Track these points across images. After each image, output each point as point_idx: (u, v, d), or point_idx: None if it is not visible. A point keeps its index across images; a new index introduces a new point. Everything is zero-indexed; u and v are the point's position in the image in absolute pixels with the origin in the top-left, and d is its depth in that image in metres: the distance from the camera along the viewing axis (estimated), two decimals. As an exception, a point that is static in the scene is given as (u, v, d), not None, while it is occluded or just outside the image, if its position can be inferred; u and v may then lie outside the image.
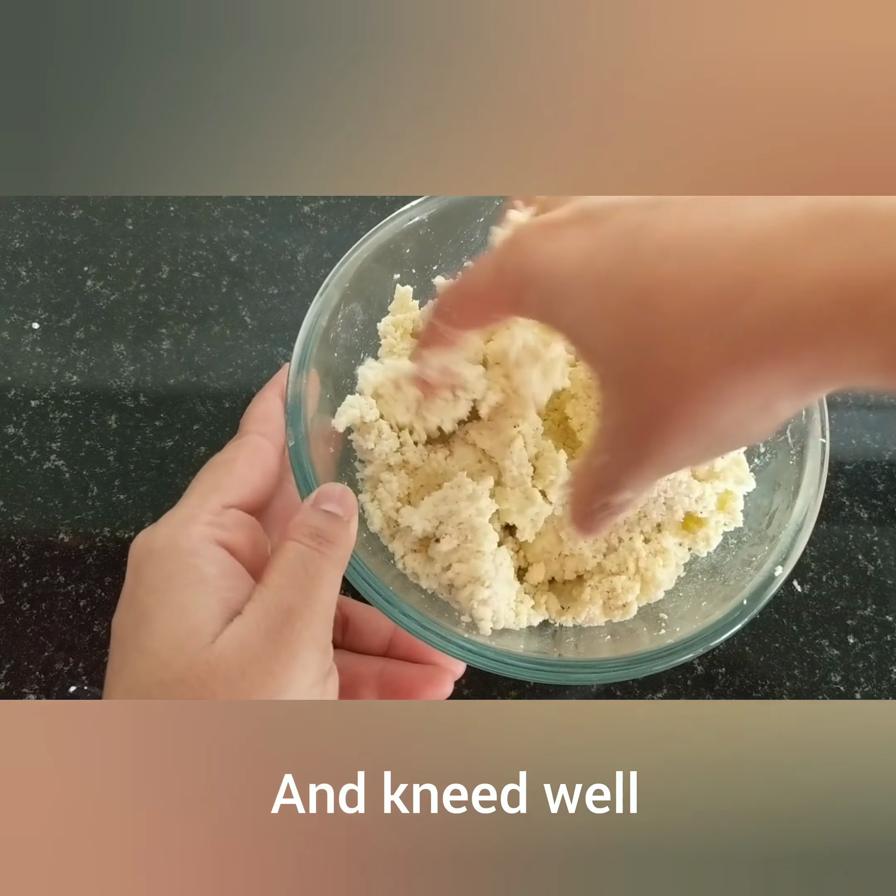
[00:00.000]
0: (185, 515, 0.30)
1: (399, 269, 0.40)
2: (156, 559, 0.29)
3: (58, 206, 0.52)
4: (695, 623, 0.34)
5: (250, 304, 0.50)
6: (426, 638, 0.31)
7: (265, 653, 0.26)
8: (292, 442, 0.33)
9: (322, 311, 0.35)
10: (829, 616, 0.45)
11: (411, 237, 0.39)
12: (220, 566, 0.29)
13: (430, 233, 0.39)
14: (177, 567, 0.28)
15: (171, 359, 0.49)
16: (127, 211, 0.53)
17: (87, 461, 0.46)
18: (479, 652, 0.32)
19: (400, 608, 0.31)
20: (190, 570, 0.28)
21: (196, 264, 0.51)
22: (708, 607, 0.35)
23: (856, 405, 0.50)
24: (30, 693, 0.41)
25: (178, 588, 0.28)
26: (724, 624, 0.33)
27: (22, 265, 0.50)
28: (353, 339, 0.39)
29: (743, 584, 0.35)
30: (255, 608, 0.27)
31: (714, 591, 0.36)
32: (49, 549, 0.43)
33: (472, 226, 0.40)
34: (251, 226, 0.53)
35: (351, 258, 0.37)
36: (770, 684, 0.43)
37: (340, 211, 0.54)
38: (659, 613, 0.37)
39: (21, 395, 0.47)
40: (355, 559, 0.31)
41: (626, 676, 0.33)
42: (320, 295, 0.36)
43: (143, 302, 0.50)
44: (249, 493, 0.32)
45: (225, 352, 0.49)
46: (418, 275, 0.41)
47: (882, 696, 0.43)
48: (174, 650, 0.26)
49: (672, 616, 0.37)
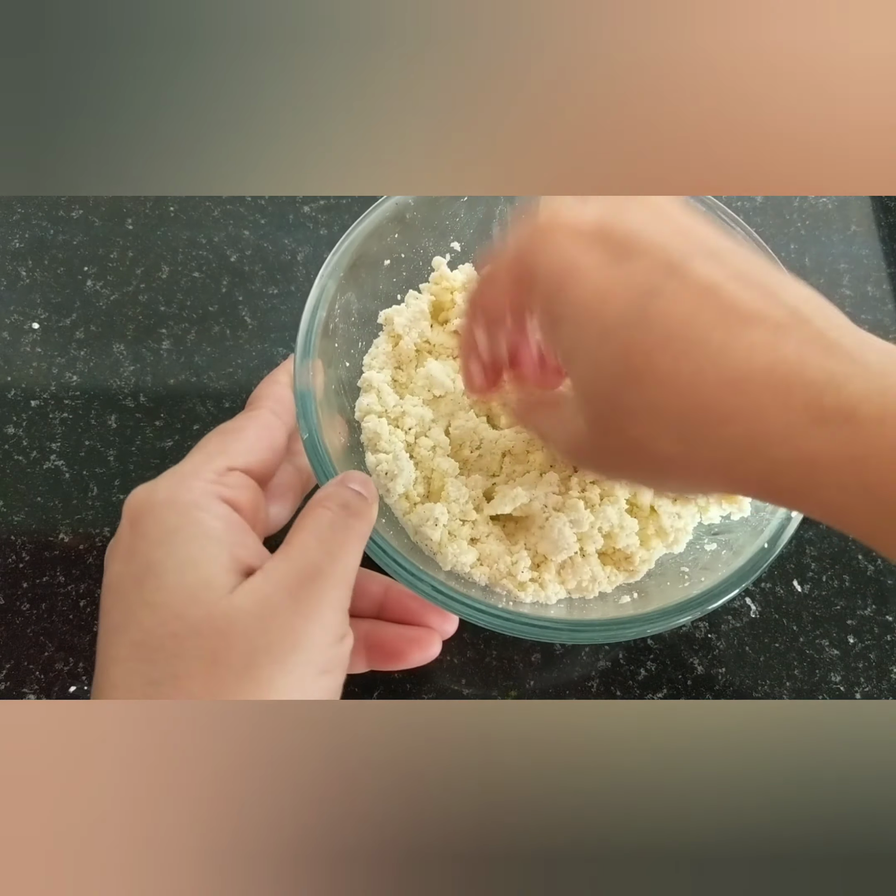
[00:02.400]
0: (188, 471, 0.29)
1: (389, 255, 0.40)
2: (157, 512, 0.28)
3: (58, 206, 0.52)
4: (718, 572, 0.34)
5: (250, 304, 0.50)
6: (456, 609, 0.32)
7: (287, 608, 0.26)
8: (306, 434, 0.33)
9: (320, 302, 0.36)
10: (829, 616, 0.45)
11: (398, 222, 0.39)
12: (225, 521, 0.28)
13: (416, 216, 0.40)
14: (181, 521, 0.28)
15: (171, 359, 0.49)
16: (127, 211, 0.53)
17: (87, 461, 0.46)
18: (516, 619, 0.32)
19: (428, 581, 0.32)
20: (195, 523, 0.28)
21: (196, 264, 0.51)
22: (728, 555, 0.36)
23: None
24: (30, 693, 0.41)
25: (184, 541, 0.27)
26: (747, 569, 0.34)
27: (22, 265, 0.50)
28: (351, 328, 0.39)
29: (761, 528, 0.35)
30: (280, 565, 0.27)
31: (731, 540, 0.37)
32: (49, 549, 0.43)
33: (457, 205, 0.41)
34: (251, 226, 0.53)
35: (342, 247, 0.37)
36: (770, 684, 0.43)
37: (340, 211, 0.54)
38: (680, 567, 0.37)
39: (21, 395, 0.47)
40: (376, 533, 0.32)
41: (657, 630, 0.33)
42: (317, 286, 0.36)
43: (143, 302, 0.50)
44: (256, 463, 0.31)
45: (225, 352, 0.49)
46: (407, 259, 0.41)
47: (882, 696, 0.43)
48: (188, 603, 0.26)
49: (693, 568, 0.37)
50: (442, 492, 0.38)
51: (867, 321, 0.53)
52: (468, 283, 0.42)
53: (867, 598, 0.46)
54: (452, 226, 0.42)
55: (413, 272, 0.42)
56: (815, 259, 0.55)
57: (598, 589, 0.37)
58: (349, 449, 0.37)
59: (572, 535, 0.36)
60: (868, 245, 0.56)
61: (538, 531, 0.37)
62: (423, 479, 0.38)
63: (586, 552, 0.37)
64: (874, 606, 0.45)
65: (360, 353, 0.41)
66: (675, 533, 0.38)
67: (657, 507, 0.38)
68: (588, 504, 0.37)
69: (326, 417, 0.34)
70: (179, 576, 0.26)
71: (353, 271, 0.38)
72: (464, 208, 0.41)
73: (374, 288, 0.40)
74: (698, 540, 0.39)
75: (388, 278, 0.41)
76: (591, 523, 0.37)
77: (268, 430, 0.33)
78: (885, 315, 0.54)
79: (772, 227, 0.56)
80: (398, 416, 0.39)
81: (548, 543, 0.36)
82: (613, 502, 0.37)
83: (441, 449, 0.39)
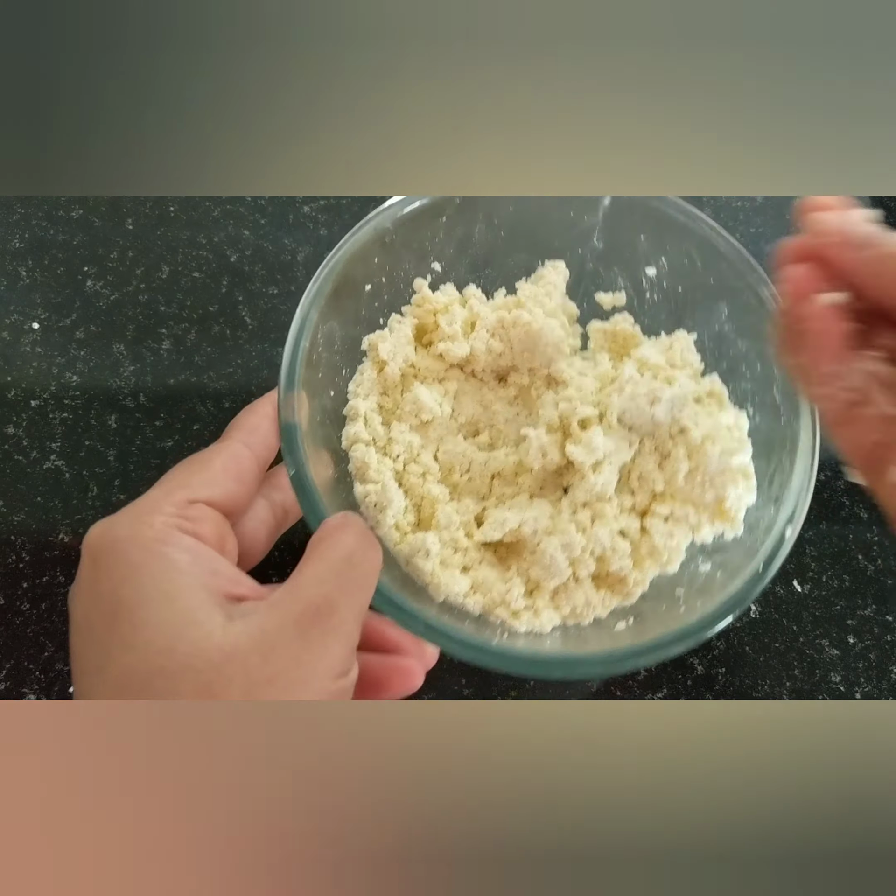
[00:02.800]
0: (147, 507, 0.28)
1: (370, 280, 0.40)
2: (119, 549, 0.27)
3: (58, 206, 0.52)
4: (714, 597, 0.34)
5: (250, 304, 0.50)
6: (448, 648, 0.31)
7: (294, 642, 0.26)
8: (293, 470, 0.32)
9: (303, 332, 0.36)
10: (829, 616, 0.45)
11: (377, 246, 0.39)
12: (191, 552, 0.27)
13: (395, 238, 0.39)
14: (145, 556, 0.27)
15: (171, 359, 0.49)
16: (127, 211, 0.53)
17: (87, 461, 0.46)
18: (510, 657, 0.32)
19: (421, 619, 0.31)
20: (160, 557, 0.27)
21: (196, 264, 0.51)
22: (723, 578, 0.35)
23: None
24: (30, 693, 0.41)
25: (152, 576, 0.26)
26: (742, 594, 0.33)
27: (22, 265, 0.50)
28: (334, 356, 0.39)
29: (755, 549, 0.35)
30: (287, 598, 0.27)
31: (726, 561, 0.36)
32: (49, 549, 0.43)
33: (436, 226, 0.41)
34: (251, 226, 0.53)
35: (322, 275, 0.37)
36: (770, 684, 0.43)
37: (340, 211, 0.54)
38: (675, 590, 0.37)
39: (21, 395, 0.47)
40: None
41: (653, 662, 0.32)
42: (298, 316, 0.36)
43: (143, 302, 0.50)
44: (221, 495, 0.30)
45: (225, 352, 0.49)
46: (388, 282, 0.41)
47: (882, 696, 0.43)
48: (172, 637, 0.25)
49: (688, 591, 0.37)
50: (433, 519, 0.37)
51: (867, 321, 0.53)
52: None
53: (867, 598, 0.46)
54: (432, 247, 0.41)
55: (395, 295, 0.41)
56: (815, 259, 0.55)
57: (593, 614, 0.37)
58: (336, 480, 0.36)
59: (564, 560, 0.36)
60: (868, 245, 0.56)
61: (530, 556, 0.37)
62: (414, 506, 0.38)
63: (579, 577, 0.37)
64: (874, 606, 0.45)
65: (345, 380, 0.40)
66: (669, 552, 0.38)
67: (649, 527, 0.38)
68: (579, 527, 0.37)
69: (312, 451, 0.34)
70: (155, 611, 0.26)
71: (335, 299, 0.37)
72: (443, 229, 0.41)
73: (356, 314, 0.40)
74: (692, 560, 0.38)
75: (370, 303, 0.40)
76: (584, 547, 0.36)
77: (235, 461, 0.32)
78: (885, 315, 0.54)
79: (772, 227, 0.56)
80: (386, 444, 0.39)
81: (540, 569, 0.36)
82: (605, 524, 0.37)
83: (431, 475, 0.38)
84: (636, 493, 0.39)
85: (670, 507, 0.38)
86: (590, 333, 0.44)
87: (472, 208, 0.41)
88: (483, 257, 0.43)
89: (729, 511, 0.37)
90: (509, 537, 0.37)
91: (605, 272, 0.44)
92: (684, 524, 0.38)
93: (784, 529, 0.35)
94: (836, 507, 0.48)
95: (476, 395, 0.42)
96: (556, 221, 0.42)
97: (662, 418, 0.38)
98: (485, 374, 0.43)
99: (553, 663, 0.32)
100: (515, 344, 0.41)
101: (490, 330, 0.41)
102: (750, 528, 0.37)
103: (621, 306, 0.44)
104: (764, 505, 0.37)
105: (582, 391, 0.40)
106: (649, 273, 0.43)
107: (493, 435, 0.41)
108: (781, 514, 0.35)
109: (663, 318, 0.43)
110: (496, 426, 0.42)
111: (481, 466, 0.39)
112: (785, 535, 0.34)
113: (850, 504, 0.48)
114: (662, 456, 0.39)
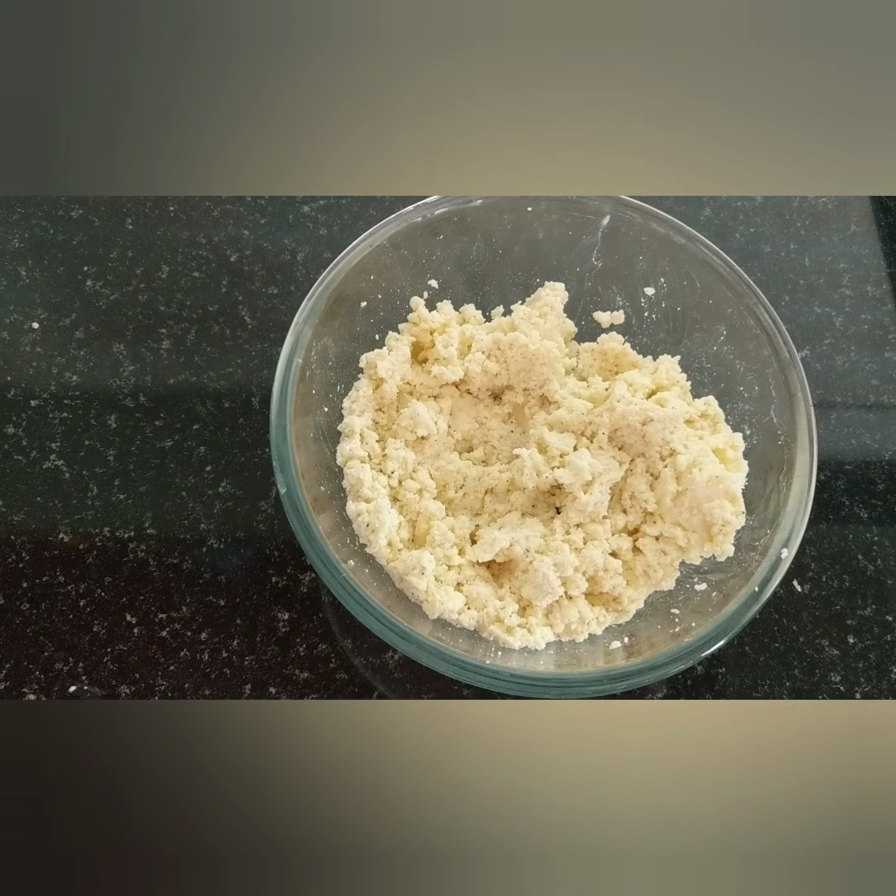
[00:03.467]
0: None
1: (365, 297, 0.40)
2: None
3: (58, 206, 0.52)
4: (709, 617, 0.34)
5: (250, 304, 0.50)
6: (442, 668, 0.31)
7: None
8: (284, 488, 0.32)
9: (296, 349, 0.35)
10: (829, 616, 0.45)
11: (374, 263, 0.39)
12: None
13: (391, 257, 0.39)
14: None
15: (171, 359, 0.49)
16: (127, 211, 0.53)
17: (87, 461, 0.46)
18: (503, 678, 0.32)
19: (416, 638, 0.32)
20: None
21: (196, 264, 0.51)
22: (718, 598, 0.35)
23: (856, 405, 0.50)
24: (30, 693, 0.41)
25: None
26: (738, 616, 0.34)
27: (22, 265, 0.50)
28: (328, 372, 0.39)
29: (751, 570, 0.35)
30: None
31: (721, 581, 0.36)
32: (49, 549, 0.43)
33: (433, 244, 0.40)
34: (251, 226, 0.53)
35: (318, 292, 0.37)
36: (770, 684, 0.43)
37: (340, 211, 0.54)
38: (671, 609, 0.37)
39: (21, 395, 0.47)
40: (361, 589, 0.31)
41: (647, 682, 0.32)
42: (292, 333, 0.36)
43: (143, 302, 0.50)
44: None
45: (225, 352, 0.49)
46: (384, 299, 0.41)
47: (882, 696, 0.43)
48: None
49: (684, 610, 0.36)
50: (427, 536, 0.37)
51: (867, 321, 0.53)
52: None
53: (867, 598, 0.46)
54: (429, 264, 0.41)
55: (390, 312, 0.41)
56: (814, 259, 0.55)
57: (588, 630, 0.37)
58: (329, 497, 0.37)
59: (556, 579, 0.36)
60: (868, 245, 0.56)
61: (522, 575, 0.37)
62: (409, 522, 0.38)
63: (571, 595, 0.37)
64: (874, 606, 0.45)
65: (339, 396, 0.40)
66: (664, 570, 0.37)
67: (641, 546, 0.38)
68: (572, 547, 0.37)
69: (305, 467, 0.34)
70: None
71: (330, 315, 0.37)
72: (440, 247, 0.41)
73: (351, 330, 0.40)
74: (688, 578, 0.38)
75: (365, 320, 0.40)
76: (576, 567, 0.36)
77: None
78: (884, 315, 0.54)
79: (772, 227, 0.56)
80: (381, 461, 0.39)
81: (532, 588, 0.36)
82: (598, 545, 0.37)
83: (427, 492, 0.38)
84: (628, 511, 0.39)
85: (660, 529, 0.38)
86: (580, 354, 0.44)
87: (470, 227, 0.41)
88: (480, 275, 0.43)
89: (717, 536, 0.37)
90: (501, 557, 0.37)
91: (604, 291, 0.44)
92: (674, 545, 0.38)
93: (780, 552, 0.34)
94: (836, 507, 0.48)
95: (471, 411, 0.42)
96: (554, 240, 0.42)
97: (653, 438, 0.38)
98: (480, 392, 0.43)
99: (547, 683, 0.32)
100: (511, 364, 0.41)
101: (486, 351, 0.41)
102: (745, 550, 0.37)
103: (619, 325, 0.44)
104: (760, 526, 0.36)
105: (573, 412, 0.40)
106: (648, 293, 0.42)
107: (487, 451, 0.42)
108: (777, 536, 0.35)
109: (661, 336, 0.43)
110: (490, 442, 0.42)
111: (475, 482, 0.39)
112: (781, 557, 0.34)
113: (850, 504, 0.48)
114: (653, 476, 0.39)
